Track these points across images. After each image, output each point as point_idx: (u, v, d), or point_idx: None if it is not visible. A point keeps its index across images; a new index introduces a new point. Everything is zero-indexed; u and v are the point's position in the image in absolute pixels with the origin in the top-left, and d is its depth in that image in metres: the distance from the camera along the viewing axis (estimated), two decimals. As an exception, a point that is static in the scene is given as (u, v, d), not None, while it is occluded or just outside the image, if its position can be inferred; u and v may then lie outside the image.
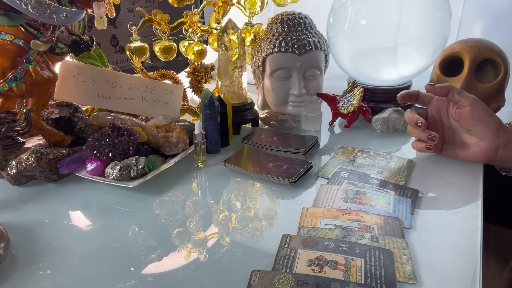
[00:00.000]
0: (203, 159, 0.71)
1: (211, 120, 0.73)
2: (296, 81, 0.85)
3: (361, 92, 0.83)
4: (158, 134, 0.69)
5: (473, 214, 0.55)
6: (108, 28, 0.91)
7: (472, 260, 0.46)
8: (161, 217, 0.57)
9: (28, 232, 0.53)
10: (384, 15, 0.84)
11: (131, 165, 0.62)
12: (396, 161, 0.71)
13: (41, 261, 0.47)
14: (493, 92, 0.77)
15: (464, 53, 0.78)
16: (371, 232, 0.50)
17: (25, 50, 0.61)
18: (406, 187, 0.62)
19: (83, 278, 0.45)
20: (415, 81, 0.95)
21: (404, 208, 0.56)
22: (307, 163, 0.68)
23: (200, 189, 0.66)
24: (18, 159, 0.63)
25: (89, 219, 0.57)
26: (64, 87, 0.75)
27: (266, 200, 0.61)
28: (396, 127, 0.84)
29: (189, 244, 0.51)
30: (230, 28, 0.83)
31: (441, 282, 0.43)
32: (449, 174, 0.67)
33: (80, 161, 0.66)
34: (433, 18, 0.84)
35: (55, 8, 0.59)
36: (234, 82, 0.86)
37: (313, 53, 0.85)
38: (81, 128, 0.73)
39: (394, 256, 0.46)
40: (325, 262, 0.45)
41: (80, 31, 0.72)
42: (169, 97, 0.81)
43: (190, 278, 0.44)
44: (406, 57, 0.86)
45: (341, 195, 0.59)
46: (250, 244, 0.50)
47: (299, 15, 0.87)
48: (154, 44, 0.94)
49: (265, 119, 0.88)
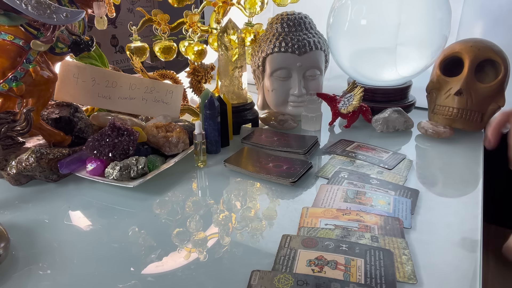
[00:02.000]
0: (203, 159, 0.71)
1: (211, 120, 0.73)
2: (296, 81, 0.85)
3: (361, 92, 0.83)
4: (158, 134, 0.69)
5: (473, 214, 0.55)
6: (108, 28, 0.90)
7: (472, 260, 0.46)
8: (161, 217, 0.57)
9: (28, 232, 0.53)
10: (384, 15, 0.84)
11: (131, 165, 0.62)
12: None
13: (41, 261, 0.47)
14: (493, 92, 0.77)
15: (464, 53, 0.78)
16: (371, 232, 0.50)
17: (25, 50, 0.61)
18: (406, 187, 0.62)
19: (83, 278, 0.45)
20: (415, 81, 0.95)
21: (404, 208, 0.56)
22: (307, 163, 0.68)
23: (200, 189, 0.66)
24: (18, 159, 0.63)
25: (89, 219, 0.57)
26: (64, 87, 0.75)
27: (266, 200, 0.61)
28: (396, 127, 0.84)
29: (189, 244, 0.51)
30: (230, 28, 0.83)
31: (441, 282, 0.43)
32: (449, 174, 0.67)
33: (80, 161, 0.66)
34: (433, 18, 0.84)
35: (55, 8, 0.59)
36: (234, 82, 0.86)
37: (313, 53, 0.85)
38: (81, 128, 0.73)
39: (394, 256, 0.46)
40: (325, 262, 0.45)
41: (80, 31, 0.72)
42: (169, 97, 0.81)
43: (190, 278, 0.44)
44: (406, 57, 0.86)
45: (341, 195, 0.59)
46: (250, 244, 0.50)
47: (299, 15, 0.87)
48: (154, 44, 0.94)
49: (265, 119, 0.88)
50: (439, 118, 0.82)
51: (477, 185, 0.63)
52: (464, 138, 0.80)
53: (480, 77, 0.80)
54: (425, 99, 0.88)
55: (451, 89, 0.80)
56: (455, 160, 0.71)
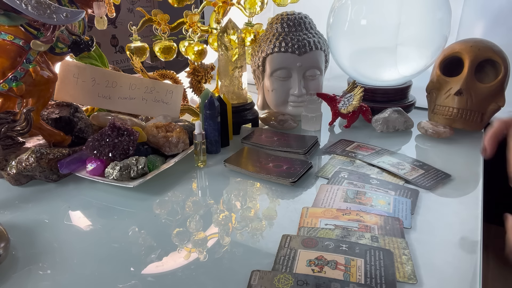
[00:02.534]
0: (203, 159, 0.71)
1: (211, 120, 0.73)
2: (296, 81, 0.85)
3: (361, 92, 0.83)
4: (158, 134, 0.69)
5: (473, 214, 0.55)
6: (108, 28, 0.91)
7: (472, 260, 0.46)
8: (161, 217, 0.57)
9: (28, 232, 0.53)
10: (384, 15, 0.84)
11: (131, 165, 0.62)
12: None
13: (41, 261, 0.47)
14: (493, 92, 0.77)
15: (464, 53, 0.78)
16: (371, 232, 0.50)
17: (25, 50, 0.61)
18: (406, 187, 0.62)
19: (83, 278, 0.45)
20: (415, 81, 0.95)
21: (404, 208, 0.56)
22: (307, 163, 0.68)
23: (200, 189, 0.66)
24: (18, 159, 0.63)
25: (89, 219, 0.57)
26: (64, 87, 0.75)
27: (266, 200, 0.61)
28: (396, 127, 0.84)
29: (189, 244, 0.51)
30: (230, 28, 0.82)
31: (441, 282, 0.43)
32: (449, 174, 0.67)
33: (80, 161, 0.66)
34: (433, 18, 0.84)
35: (55, 8, 0.59)
36: (234, 82, 0.86)
37: (313, 53, 0.85)
38: (81, 128, 0.73)
39: (394, 256, 0.46)
40: (325, 262, 0.45)
41: (80, 31, 0.72)
42: (169, 97, 0.81)
43: (190, 278, 0.44)
44: (406, 57, 0.86)
45: (341, 195, 0.59)
46: (250, 244, 0.50)
47: (299, 15, 0.87)
48: (154, 44, 0.94)
49: (265, 119, 0.88)
50: (439, 118, 0.82)
51: (477, 185, 0.63)
52: (464, 138, 0.80)
53: (480, 77, 0.80)
54: (425, 99, 0.88)
55: (451, 89, 0.80)
56: (455, 160, 0.71)
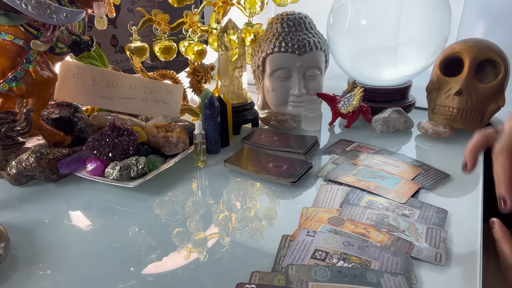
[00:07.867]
0: (203, 159, 0.71)
1: (211, 120, 0.73)
2: (296, 81, 0.85)
3: (361, 92, 0.83)
4: (158, 134, 0.69)
5: (473, 214, 0.55)
6: (108, 28, 0.90)
7: (472, 260, 0.46)
8: (161, 217, 0.57)
9: (28, 232, 0.53)
10: (384, 15, 0.84)
11: (131, 165, 0.62)
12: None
13: (41, 261, 0.47)
14: (493, 92, 0.77)
15: (464, 53, 0.78)
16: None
17: (25, 50, 0.61)
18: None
19: (83, 278, 0.45)
20: (415, 81, 0.95)
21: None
22: (307, 163, 0.68)
23: (200, 189, 0.66)
24: (18, 159, 0.63)
25: (89, 219, 0.57)
26: (64, 87, 0.75)
27: (266, 200, 0.61)
28: (396, 127, 0.84)
29: (189, 244, 0.51)
30: (230, 28, 0.82)
31: (441, 282, 0.43)
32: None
33: (80, 161, 0.66)
34: (433, 18, 0.84)
35: (55, 8, 0.59)
36: (234, 82, 0.86)
37: (313, 53, 0.85)
38: (81, 128, 0.73)
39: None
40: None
41: (80, 31, 0.72)
42: (169, 97, 0.81)
43: (190, 278, 0.44)
44: (406, 57, 0.86)
45: (341, 195, 0.59)
46: (250, 244, 0.50)
47: (299, 15, 0.87)
48: (154, 44, 0.94)
49: (265, 119, 0.88)
50: (439, 118, 0.82)
51: (477, 185, 0.63)
52: (464, 138, 0.80)
53: (480, 77, 0.80)
54: (425, 99, 0.88)
55: (451, 89, 0.80)
56: (455, 160, 0.71)
